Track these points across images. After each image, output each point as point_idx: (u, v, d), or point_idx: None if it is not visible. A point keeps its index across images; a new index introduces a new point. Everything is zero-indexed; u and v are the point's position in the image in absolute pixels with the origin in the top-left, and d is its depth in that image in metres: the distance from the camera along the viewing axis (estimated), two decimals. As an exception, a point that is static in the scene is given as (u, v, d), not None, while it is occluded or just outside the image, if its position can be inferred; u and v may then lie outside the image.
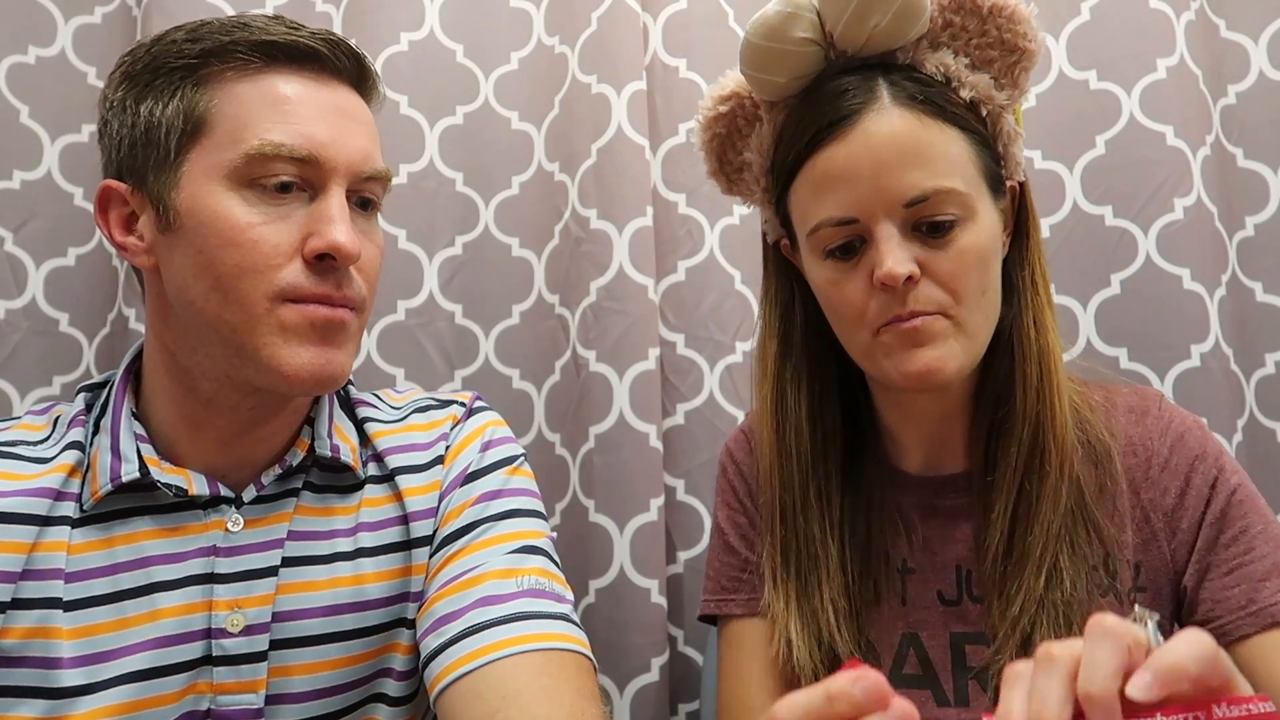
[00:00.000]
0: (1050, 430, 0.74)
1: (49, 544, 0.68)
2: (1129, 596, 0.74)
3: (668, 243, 1.21)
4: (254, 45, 0.69)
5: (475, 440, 0.82)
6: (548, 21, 1.26)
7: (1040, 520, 0.74)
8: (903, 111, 0.71)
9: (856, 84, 0.72)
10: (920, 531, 0.81)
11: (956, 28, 0.73)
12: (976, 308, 0.73)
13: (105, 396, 0.76)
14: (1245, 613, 0.71)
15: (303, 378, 0.68)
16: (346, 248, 0.68)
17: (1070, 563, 0.73)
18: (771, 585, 0.82)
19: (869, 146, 0.70)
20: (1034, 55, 0.74)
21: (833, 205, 0.72)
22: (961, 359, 0.73)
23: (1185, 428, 0.77)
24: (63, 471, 0.70)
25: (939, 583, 0.79)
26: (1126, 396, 0.81)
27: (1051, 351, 0.76)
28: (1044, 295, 0.78)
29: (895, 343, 0.72)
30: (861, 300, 0.73)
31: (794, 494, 0.81)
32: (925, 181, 0.70)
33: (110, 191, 0.72)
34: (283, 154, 0.67)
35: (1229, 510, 0.74)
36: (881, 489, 0.83)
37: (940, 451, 0.82)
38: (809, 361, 0.82)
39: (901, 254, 0.70)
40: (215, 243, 0.67)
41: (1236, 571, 0.72)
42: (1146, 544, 0.75)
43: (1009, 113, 0.76)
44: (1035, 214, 0.80)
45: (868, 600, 0.81)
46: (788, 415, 0.82)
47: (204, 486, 0.72)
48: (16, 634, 0.66)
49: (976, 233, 0.72)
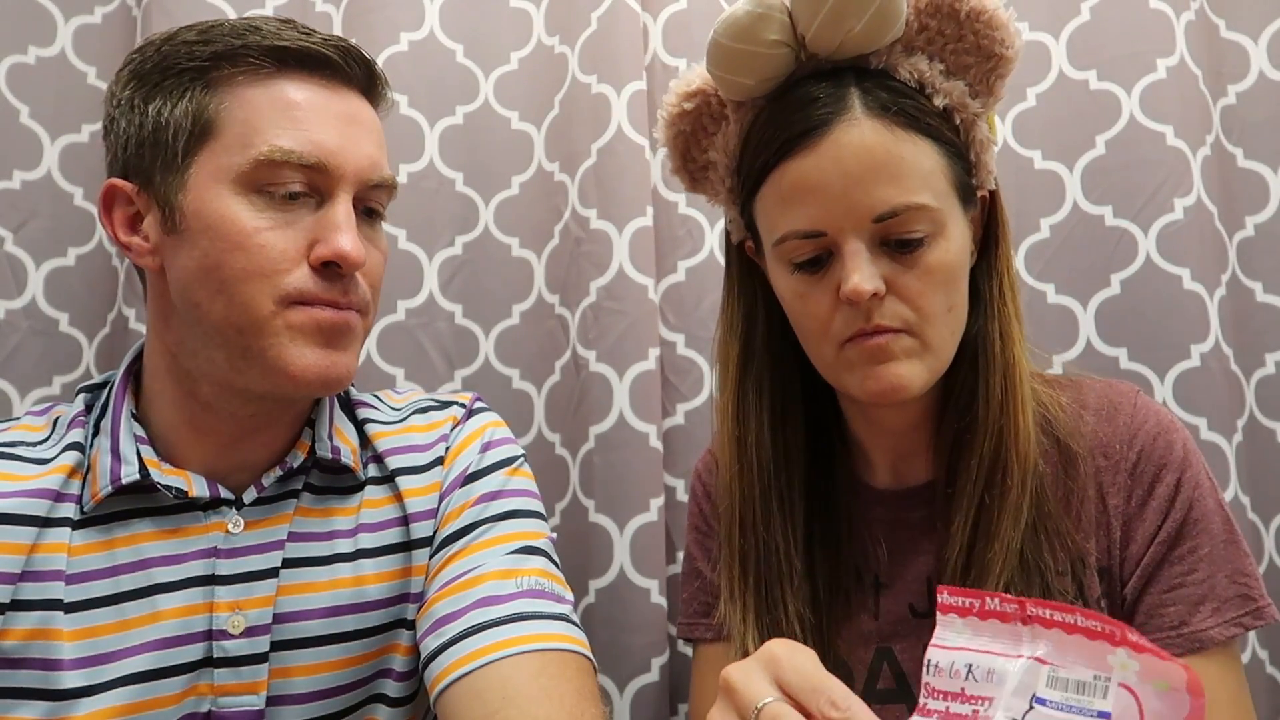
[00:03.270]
0: (1013, 445, 0.73)
1: (49, 545, 0.68)
2: (1097, 604, 0.73)
3: (668, 243, 1.21)
4: (265, 50, 0.69)
5: (475, 441, 0.82)
6: (548, 21, 1.26)
7: (1000, 536, 0.72)
8: (874, 123, 0.69)
9: (828, 91, 0.70)
10: (889, 545, 0.80)
11: (933, 32, 0.71)
12: (942, 324, 0.72)
13: (105, 397, 0.76)
14: (1176, 634, 0.70)
15: (309, 379, 0.69)
16: (352, 256, 0.68)
17: (1021, 577, 0.72)
18: (728, 597, 0.81)
19: (839, 159, 0.68)
20: (1011, 62, 0.72)
21: (800, 218, 0.70)
22: (925, 376, 0.72)
23: (1158, 430, 0.75)
24: (62, 473, 0.70)
25: (910, 596, 0.78)
26: (1097, 396, 0.78)
27: (1016, 364, 0.74)
28: (1011, 307, 0.76)
29: (859, 359, 0.72)
30: (827, 314, 0.72)
31: (754, 504, 0.80)
32: (896, 197, 0.68)
33: (115, 190, 0.72)
34: (292, 160, 0.67)
35: (1184, 529, 0.72)
36: (850, 503, 0.82)
37: (906, 463, 0.81)
38: (772, 367, 0.81)
39: (868, 270, 0.69)
40: (222, 246, 0.67)
41: (1175, 590, 0.71)
42: (1108, 550, 0.74)
43: (982, 120, 0.74)
44: (1006, 223, 0.78)
45: (838, 615, 0.79)
46: (748, 422, 0.80)
47: (204, 488, 0.72)
48: (17, 635, 0.66)
49: (945, 249, 0.70)
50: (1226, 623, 0.70)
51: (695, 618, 0.88)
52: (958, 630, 0.54)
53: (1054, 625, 0.52)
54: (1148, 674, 0.49)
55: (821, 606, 0.79)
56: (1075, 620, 0.51)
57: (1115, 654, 0.50)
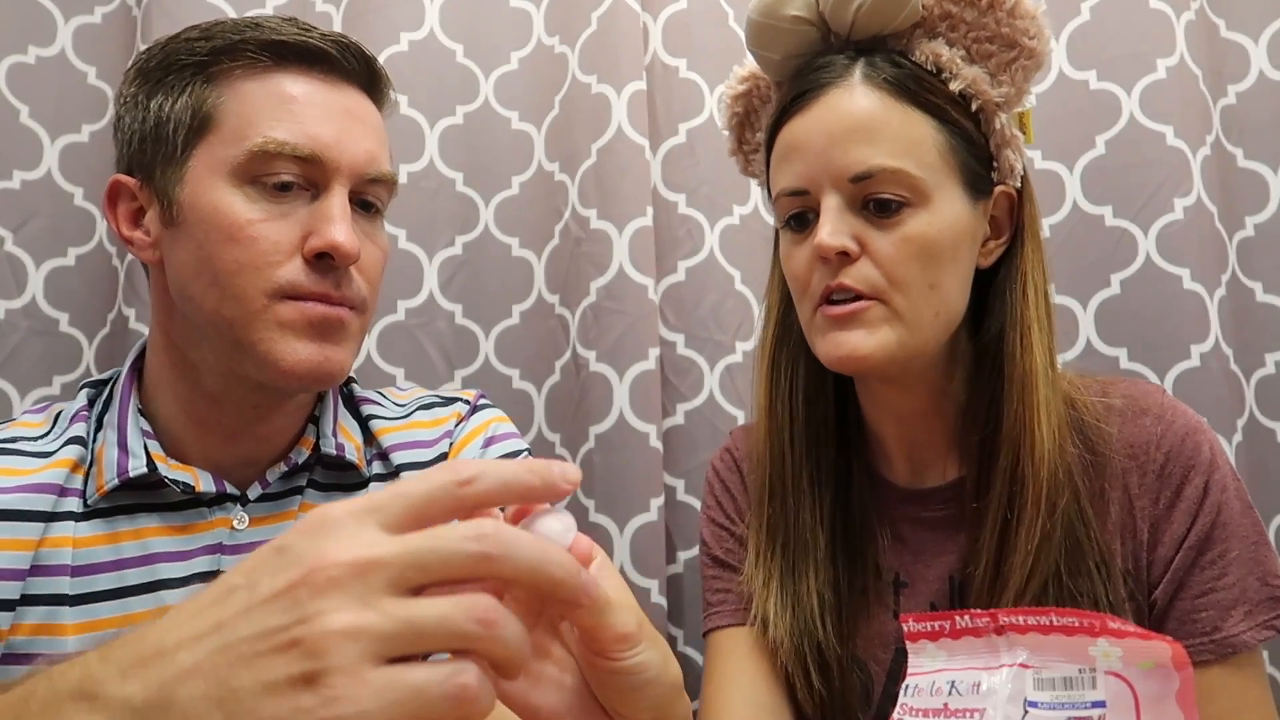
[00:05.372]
0: (1029, 457, 0.72)
1: (55, 539, 0.68)
2: (1122, 607, 0.72)
3: (668, 243, 1.21)
4: (264, 44, 0.70)
5: (478, 437, 0.82)
6: (548, 21, 1.26)
7: (1018, 550, 0.71)
8: (869, 90, 0.71)
9: (835, 61, 0.73)
10: (911, 544, 0.80)
11: (955, 18, 0.72)
12: (921, 299, 0.71)
13: (108, 393, 0.76)
14: (1209, 639, 0.70)
15: (300, 373, 0.68)
16: (345, 247, 0.68)
17: (1054, 587, 0.71)
18: (754, 562, 0.81)
19: (824, 119, 0.71)
20: (1036, 54, 0.72)
21: (789, 175, 0.73)
22: (893, 349, 0.71)
23: (1185, 431, 0.74)
24: (65, 467, 0.71)
25: (931, 594, 0.78)
26: (1124, 396, 0.78)
27: (1034, 373, 0.73)
28: (1034, 311, 0.75)
29: (826, 324, 0.72)
30: (806, 273, 0.73)
31: (785, 474, 0.81)
32: (873, 158, 0.69)
33: (120, 186, 0.73)
34: (285, 152, 0.67)
35: (1213, 533, 0.71)
36: (870, 498, 0.82)
37: (923, 459, 0.81)
38: (805, 347, 0.80)
39: (840, 226, 0.70)
40: (215, 238, 0.67)
41: (1207, 596, 0.71)
42: (1135, 552, 0.73)
43: (1005, 112, 0.74)
44: (1036, 225, 0.78)
45: (858, 608, 0.79)
46: (781, 394, 0.82)
47: (210, 484, 0.72)
48: (25, 630, 0.66)
49: (929, 221, 0.70)
50: (1259, 626, 0.70)
51: (710, 607, 0.87)
52: (931, 655, 0.54)
53: (1029, 630, 0.52)
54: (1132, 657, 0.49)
55: (841, 594, 0.79)
56: (1051, 620, 0.51)
57: (1096, 644, 0.50)
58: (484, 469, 0.37)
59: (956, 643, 0.54)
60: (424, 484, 0.36)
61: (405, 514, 0.36)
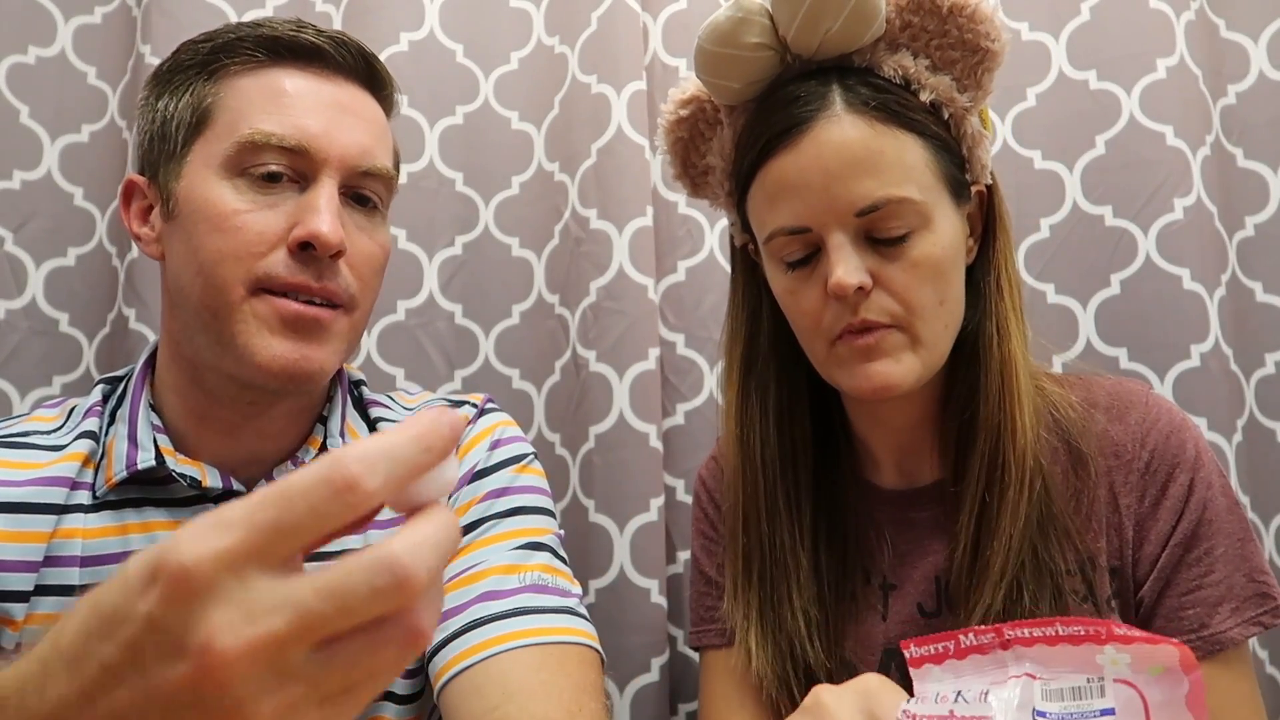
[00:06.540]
0: (1011, 442, 0.72)
1: (66, 531, 0.69)
2: (1108, 604, 0.73)
3: (668, 243, 1.21)
4: (259, 41, 0.71)
5: (484, 439, 0.82)
6: (548, 21, 1.26)
7: (999, 534, 0.72)
8: (855, 119, 0.69)
9: (810, 90, 0.71)
10: (897, 546, 0.80)
11: (916, 28, 0.71)
12: (934, 318, 0.72)
13: (122, 389, 0.77)
14: (1197, 637, 0.70)
15: (274, 370, 0.68)
16: (326, 236, 0.68)
17: (1033, 576, 0.71)
18: (732, 596, 0.81)
19: (819, 155, 0.69)
20: (997, 56, 0.72)
21: (786, 214, 0.71)
22: (919, 371, 0.72)
23: (1170, 429, 0.75)
24: (77, 460, 0.71)
25: (919, 595, 0.78)
26: (1108, 394, 0.78)
27: (1013, 360, 0.74)
28: (1009, 302, 0.76)
29: (849, 356, 0.72)
30: (817, 310, 0.72)
31: (759, 502, 0.80)
32: (877, 191, 0.68)
33: (132, 185, 0.75)
34: (272, 143, 0.68)
35: (1199, 530, 0.72)
36: (856, 503, 0.82)
37: (912, 462, 0.81)
38: (777, 367, 0.81)
39: (853, 263, 0.69)
40: (203, 229, 0.68)
41: (1194, 593, 0.71)
42: (1121, 550, 0.73)
43: (973, 115, 0.74)
44: (1005, 218, 0.78)
45: (846, 614, 0.79)
46: (752, 422, 0.81)
47: (217, 479, 0.73)
48: (39, 620, 0.67)
49: (933, 242, 0.70)
50: (1246, 622, 0.70)
51: (703, 624, 0.88)
52: (937, 678, 0.54)
53: (1035, 641, 0.52)
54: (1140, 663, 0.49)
55: (828, 605, 0.79)
56: (1056, 631, 0.51)
57: (1103, 652, 0.50)
58: (367, 465, 0.32)
59: (962, 663, 0.54)
60: (302, 502, 0.33)
61: (287, 546, 0.33)
